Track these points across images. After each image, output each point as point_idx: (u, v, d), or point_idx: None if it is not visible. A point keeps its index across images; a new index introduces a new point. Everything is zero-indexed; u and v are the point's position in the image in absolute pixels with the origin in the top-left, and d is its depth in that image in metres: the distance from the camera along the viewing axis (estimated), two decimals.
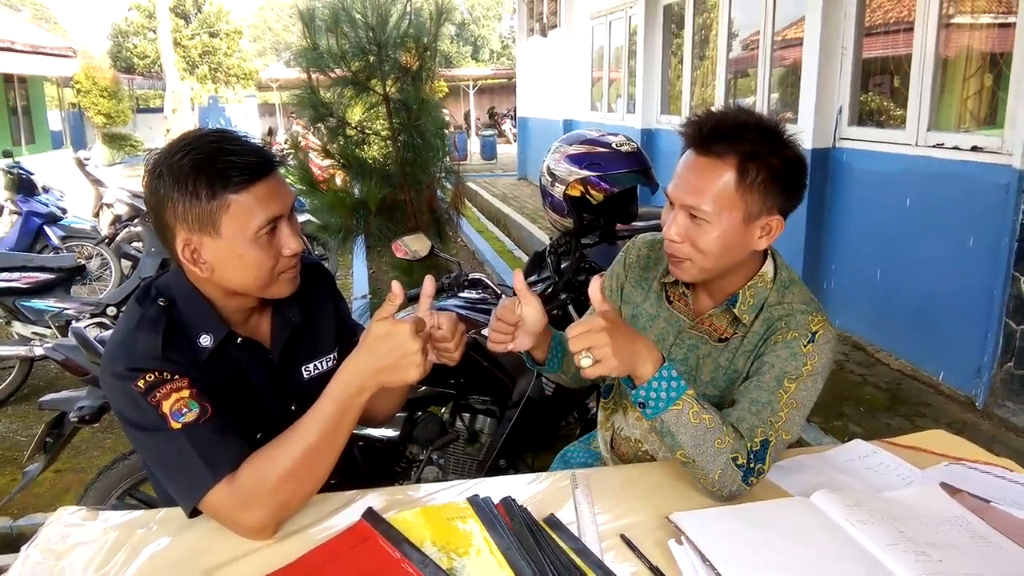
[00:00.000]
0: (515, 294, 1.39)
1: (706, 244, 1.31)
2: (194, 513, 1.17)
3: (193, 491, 1.14)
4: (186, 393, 1.16)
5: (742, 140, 1.28)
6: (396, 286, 1.17)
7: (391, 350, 1.13)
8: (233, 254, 1.20)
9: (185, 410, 1.14)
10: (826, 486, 1.22)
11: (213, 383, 1.22)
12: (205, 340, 1.25)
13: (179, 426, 1.13)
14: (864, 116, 4.82)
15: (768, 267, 1.41)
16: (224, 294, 1.27)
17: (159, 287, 1.28)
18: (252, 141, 1.24)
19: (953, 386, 3.85)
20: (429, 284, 1.26)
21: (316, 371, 1.42)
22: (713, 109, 1.34)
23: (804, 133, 4.87)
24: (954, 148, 3.90)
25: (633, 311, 1.55)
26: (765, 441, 1.25)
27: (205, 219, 1.18)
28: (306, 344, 1.41)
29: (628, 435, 1.58)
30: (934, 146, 4.05)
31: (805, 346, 1.31)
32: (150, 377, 1.15)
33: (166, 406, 1.14)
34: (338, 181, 4.83)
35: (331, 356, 1.45)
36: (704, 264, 1.34)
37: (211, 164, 1.17)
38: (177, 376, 1.17)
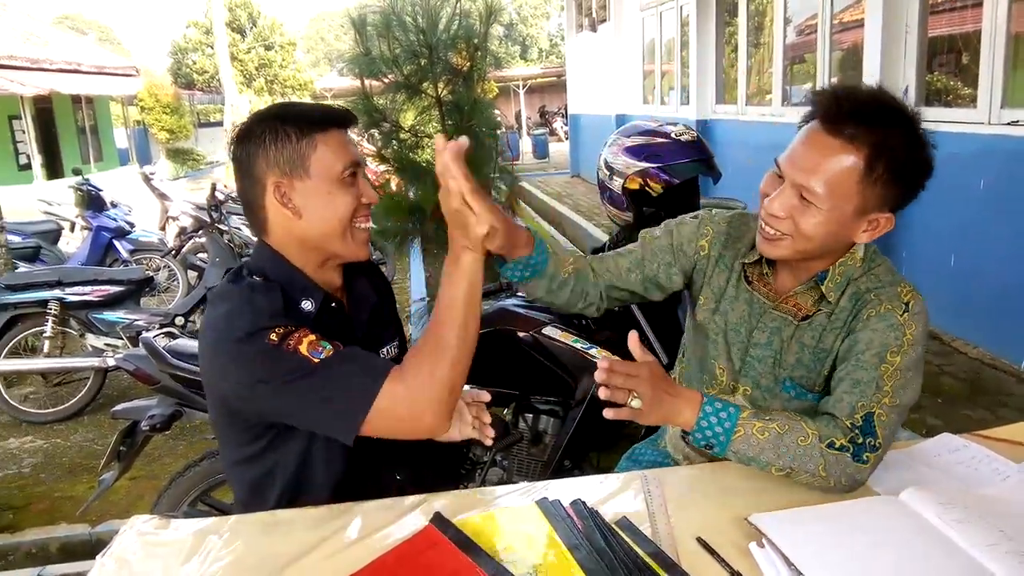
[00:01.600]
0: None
1: (808, 228, 1.24)
2: (328, 457, 1.26)
3: (364, 399, 1.16)
4: (313, 336, 1.20)
5: (880, 128, 1.18)
6: (439, 139, 1.17)
7: (449, 211, 1.17)
8: (321, 193, 1.28)
9: (320, 349, 1.18)
10: (915, 483, 1.16)
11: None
12: (307, 304, 1.30)
13: (320, 360, 1.17)
14: (931, 96, 4.64)
15: (859, 246, 1.33)
16: (309, 260, 1.32)
17: (249, 267, 1.33)
18: (339, 106, 1.37)
19: None
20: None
21: (391, 354, 1.48)
22: (854, 85, 1.27)
23: None
24: None
25: (715, 295, 1.49)
26: (869, 415, 1.20)
27: (295, 160, 1.26)
28: (382, 326, 1.49)
29: None
30: (1009, 123, 3.87)
31: (901, 316, 1.24)
32: (280, 330, 1.19)
33: (303, 349, 1.18)
34: (393, 186, 4.87)
35: (395, 343, 1.52)
36: (800, 246, 1.27)
37: (298, 112, 1.30)
38: (302, 327, 1.21)
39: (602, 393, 1.20)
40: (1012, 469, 1.23)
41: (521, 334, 2.39)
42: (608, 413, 1.20)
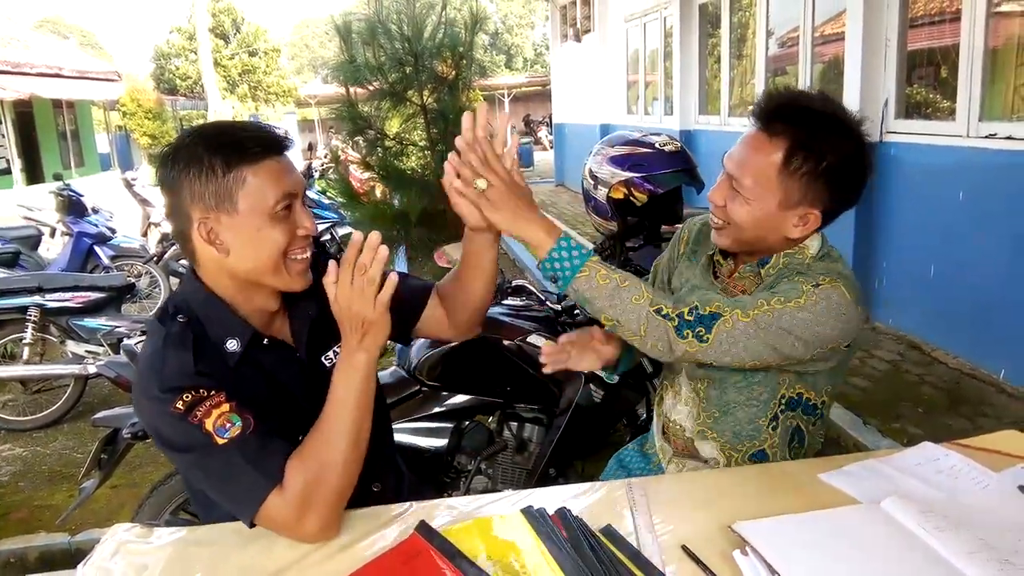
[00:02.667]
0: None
1: (738, 216, 1.34)
2: (254, 525, 1.16)
3: (251, 503, 1.13)
4: (226, 407, 1.14)
5: (800, 125, 1.28)
6: (354, 234, 1.17)
7: (349, 312, 1.16)
8: (250, 229, 1.19)
9: (228, 425, 1.13)
10: (896, 492, 1.17)
11: (246, 392, 1.19)
12: (232, 345, 1.23)
13: (225, 441, 1.12)
14: (911, 109, 4.70)
15: (812, 242, 1.40)
16: (239, 291, 1.26)
17: (176, 303, 1.26)
18: (262, 124, 1.28)
19: (1015, 384, 3.71)
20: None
21: (335, 357, 1.40)
22: (792, 88, 1.37)
23: None
24: (1008, 138, 3.77)
25: (682, 283, 1.58)
26: (716, 314, 1.25)
27: (222, 194, 1.17)
28: (324, 335, 1.38)
29: (675, 419, 1.58)
30: (986, 136, 3.92)
31: (805, 286, 1.29)
32: (188, 397, 1.13)
33: (209, 424, 1.12)
34: (378, 193, 4.87)
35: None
36: (736, 235, 1.37)
37: (225, 140, 1.19)
38: (213, 392, 1.15)
39: (448, 165, 1.22)
40: (991, 478, 1.24)
41: (506, 342, 2.40)
42: (452, 180, 1.23)
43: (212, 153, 1.17)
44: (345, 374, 1.19)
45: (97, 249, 6.34)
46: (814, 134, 1.28)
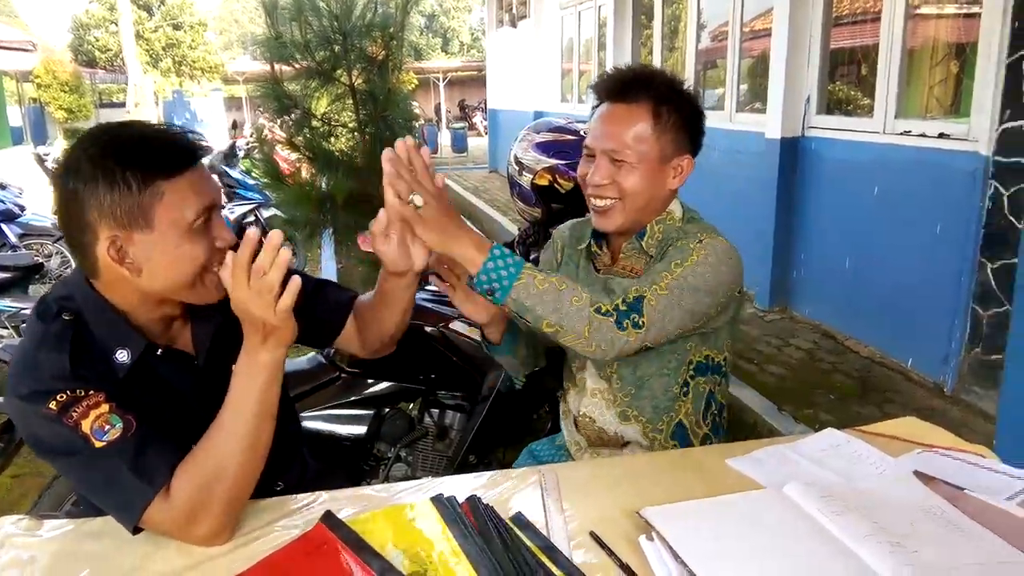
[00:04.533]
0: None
1: (631, 184, 1.41)
2: (138, 530, 1.09)
3: (132, 509, 1.06)
4: (105, 408, 1.06)
5: (654, 87, 1.41)
6: (248, 231, 1.09)
7: (249, 315, 1.08)
8: (167, 248, 1.11)
9: (107, 427, 1.05)
10: (799, 477, 1.20)
11: (134, 399, 1.12)
12: (122, 355, 1.15)
13: (103, 444, 1.04)
14: (832, 105, 4.84)
15: (675, 207, 1.51)
16: (141, 303, 1.18)
17: (61, 301, 1.17)
18: (173, 129, 1.17)
19: (922, 372, 3.88)
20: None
21: None
22: (615, 66, 1.50)
23: (772, 122, 4.88)
24: (921, 135, 3.92)
25: None
26: (640, 296, 1.30)
27: (136, 212, 1.08)
28: (233, 342, 1.20)
29: (584, 412, 1.60)
30: (901, 133, 4.07)
31: (692, 245, 1.39)
32: (61, 397, 1.05)
33: (85, 425, 1.05)
34: (304, 174, 4.75)
35: None
36: (631, 205, 1.43)
37: (139, 152, 1.09)
38: (92, 391, 1.07)
39: (385, 178, 1.19)
40: (889, 464, 1.28)
41: (428, 328, 2.37)
42: (389, 194, 1.18)
43: (124, 165, 1.08)
44: (245, 375, 1.11)
45: (3, 227, 6.05)
46: (666, 91, 1.42)
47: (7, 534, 1.15)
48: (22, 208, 6.36)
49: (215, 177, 1.24)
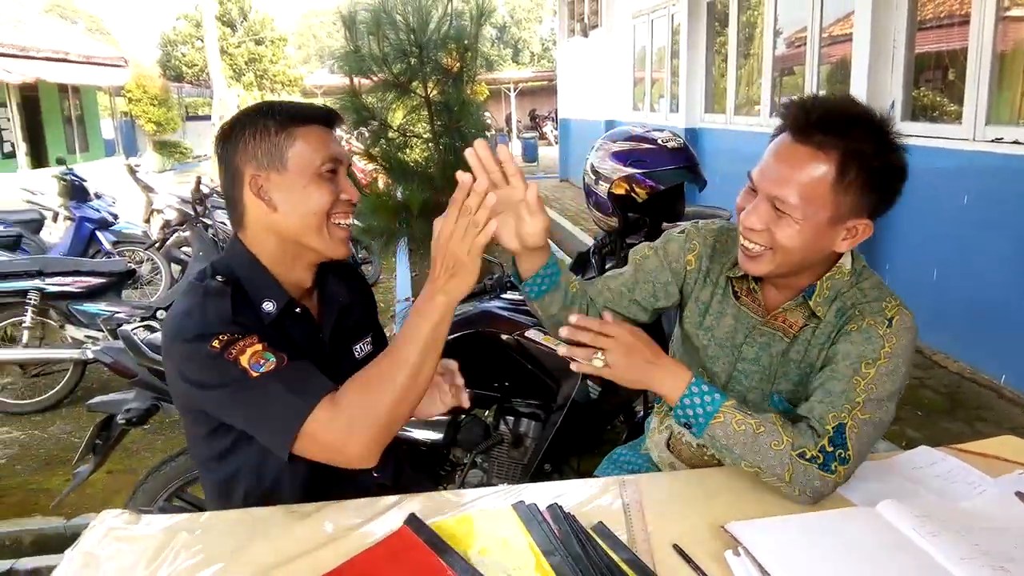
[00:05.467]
0: None
1: (785, 239, 1.23)
2: (291, 458, 1.17)
3: (293, 420, 1.14)
4: (259, 347, 1.18)
5: (848, 135, 1.19)
6: (459, 175, 1.15)
7: (446, 249, 1.15)
8: (297, 187, 1.27)
9: (263, 361, 1.17)
10: (892, 495, 1.16)
11: (279, 345, 1.23)
12: (268, 306, 1.29)
13: (258, 375, 1.16)
14: (917, 111, 4.68)
15: (846, 259, 1.34)
16: (281, 254, 1.32)
17: (216, 267, 1.32)
18: (323, 105, 1.38)
19: (1016, 389, 3.70)
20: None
21: (364, 351, 1.47)
22: (820, 94, 1.29)
23: None
24: (1014, 142, 3.75)
25: (701, 310, 1.48)
26: (840, 425, 1.18)
27: (274, 153, 1.27)
28: (353, 324, 1.47)
29: (689, 440, 1.50)
30: (992, 140, 3.90)
31: (882, 330, 1.24)
32: (223, 338, 1.18)
33: (244, 360, 1.16)
34: (380, 184, 4.85)
35: (368, 338, 1.51)
36: (780, 259, 1.26)
37: (281, 106, 1.31)
38: (248, 336, 1.20)
39: (562, 350, 1.22)
40: (988, 483, 1.23)
41: (504, 336, 2.39)
42: (573, 364, 1.23)
43: (268, 116, 1.28)
44: (423, 310, 1.19)
45: (99, 234, 6.33)
46: (861, 141, 1.20)
47: (110, 527, 1.20)
48: (115, 216, 6.65)
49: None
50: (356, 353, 1.46)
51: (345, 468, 1.18)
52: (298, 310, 1.34)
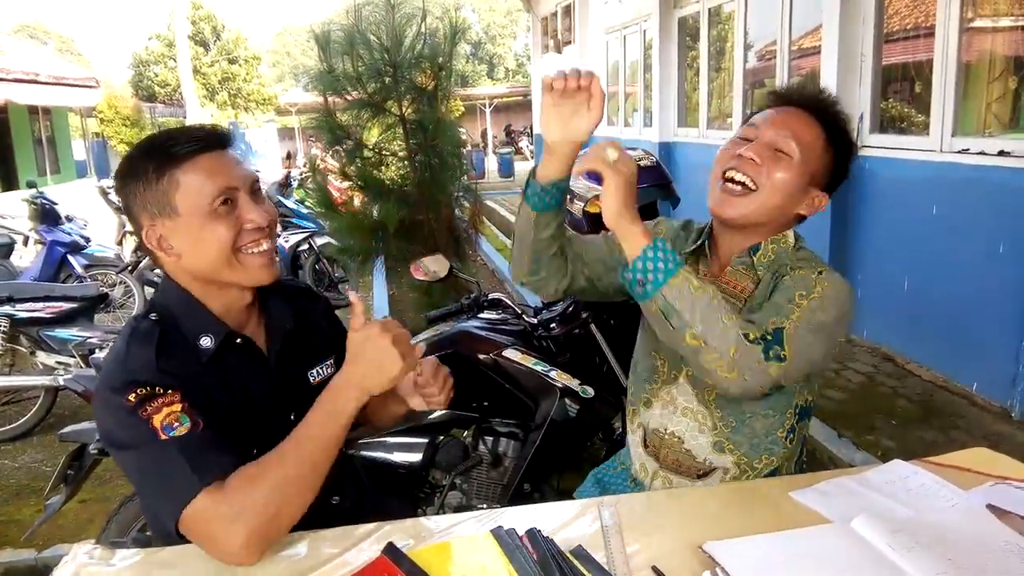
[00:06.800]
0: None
1: (779, 179, 1.34)
2: (178, 538, 1.12)
3: (178, 498, 1.09)
4: (177, 408, 1.13)
5: (830, 116, 1.39)
6: (352, 296, 1.26)
7: (369, 354, 1.16)
8: (193, 230, 1.20)
9: (176, 424, 1.11)
10: (866, 510, 1.16)
11: (209, 394, 1.19)
12: (206, 341, 1.24)
13: (167, 438, 1.10)
14: (885, 123, 4.76)
15: (791, 232, 1.45)
16: (207, 289, 1.27)
17: (153, 303, 1.29)
18: (208, 125, 1.28)
19: (987, 397, 3.75)
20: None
21: (321, 376, 1.42)
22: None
23: None
24: (980, 153, 3.82)
25: None
26: (779, 329, 1.23)
27: (161, 200, 1.20)
28: (304, 350, 1.40)
29: (657, 427, 1.52)
30: (959, 152, 3.98)
31: (814, 276, 1.32)
32: (141, 391, 1.13)
33: (156, 420, 1.11)
34: (356, 203, 4.84)
35: (329, 362, 1.44)
36: (761, 201, 1.35)
37: (155, 146, 1.22)
38: (170, 391, 1.14)
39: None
40: (960, 496, 1.24)
41: (481, 356, 2.38)
42: (579, 164, 1.28)
43: (145, 161, 1.21)
44: (330, 412, 1.17)
45: (70, 258, 6.25)
46: (837, 120, 1.39)
47: (81, 564, 1.18)
48: (87, 240, 6.57)
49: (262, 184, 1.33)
50: (312, 379, 1.40)
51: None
52: (239, 340, 1.29)
